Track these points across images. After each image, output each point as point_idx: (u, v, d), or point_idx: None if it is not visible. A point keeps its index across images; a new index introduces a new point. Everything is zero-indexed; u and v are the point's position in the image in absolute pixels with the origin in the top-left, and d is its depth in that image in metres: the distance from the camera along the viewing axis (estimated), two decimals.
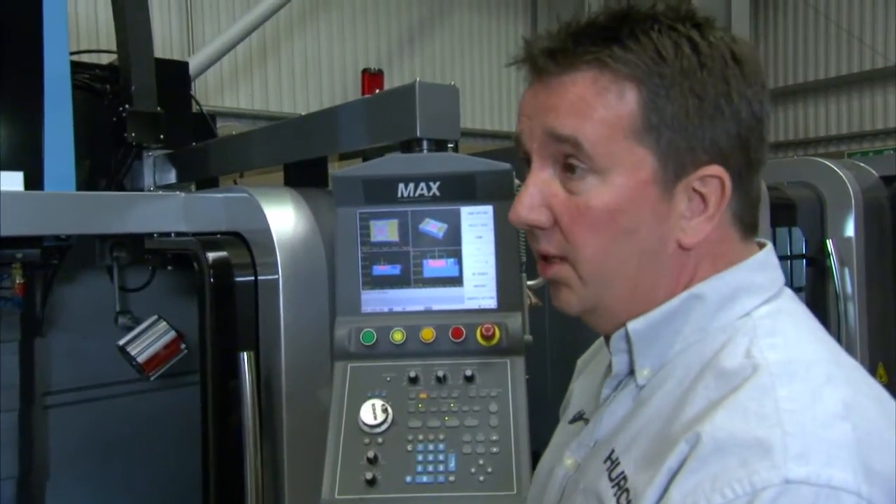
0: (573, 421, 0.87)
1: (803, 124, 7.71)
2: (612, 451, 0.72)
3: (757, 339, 0.69)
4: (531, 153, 0.74)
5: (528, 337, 1.39)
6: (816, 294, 2.69)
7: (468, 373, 1.34)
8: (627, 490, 0.67)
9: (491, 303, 1.39)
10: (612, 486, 0.69)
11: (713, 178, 0.70)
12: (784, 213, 2.65)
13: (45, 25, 1.69)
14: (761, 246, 0.78)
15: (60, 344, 2.13)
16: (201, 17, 3.88)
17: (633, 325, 0.73)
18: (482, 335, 1.36)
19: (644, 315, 0.73)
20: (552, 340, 2.09)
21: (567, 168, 0.71)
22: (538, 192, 0.73)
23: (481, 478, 1.26)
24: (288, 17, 4.08)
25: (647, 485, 0.64)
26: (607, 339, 0.79)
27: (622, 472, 0.69)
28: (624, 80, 0.69)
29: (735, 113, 0.70)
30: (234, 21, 3.57)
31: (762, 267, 0.75)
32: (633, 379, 0.75)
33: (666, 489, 0.63)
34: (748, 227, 0.76)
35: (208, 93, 3.86)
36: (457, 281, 1.40)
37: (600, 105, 0.69)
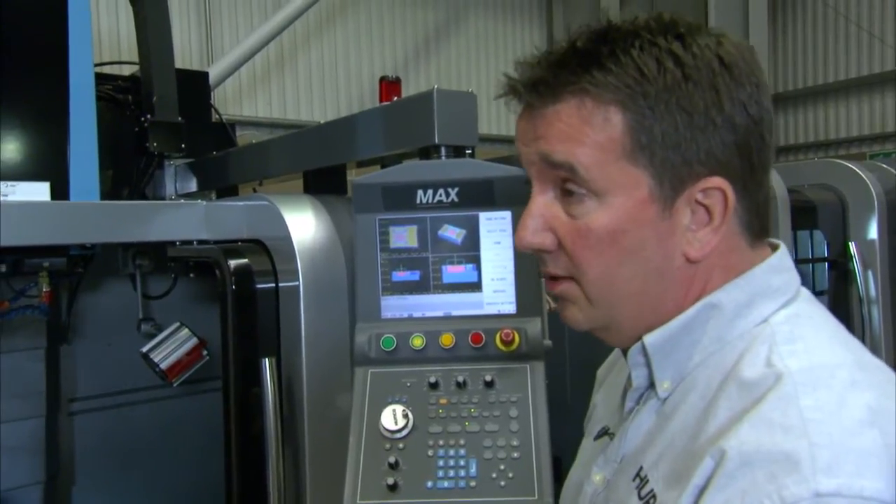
0: (598, 437, 0.86)
1: (824, 126, 7.63)
2: (641, 469, 0.72)
3: (776, 347, 0.68)
4: (531, 177, 0.75)
5: (548, 342, 1.39)
6: (839, 298, 2.65)
7: (488, 378, 1.34)
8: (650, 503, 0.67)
9: (510, 308, 1.40)
10: (639, 502, 0.69)
11: (715, 190, 0.69)
12: (805, 216, 2.62)
13: (71, 39, 1.71)
14: (774, 247, 0.77)
15: (85, 351, 2.16)
16: (220, 28, 3.92)
17: (649, 339, 0.73)
18: (502, 340, 1.36)
19: (660, 328, 0.73)
20: (572, 346, 2.09)
21: (566, 192, 0.72)
22: (541, 217, 0.73)
23: (502, 483, 1.26)
24: (305, 26, 4.11)
25: (673, 501, 0.64)
26: (624, 350, 0.78)
27: (651, 491, 0.69)
28: (608, 104, 0.68)
29: (728, 120, 0.69)
30: (253, 31, 3.61)
31: (777, 270, 0.74)
32: (655, 392, 0.75)
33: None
34: (757, 233, 0.74)
35: (227, 102, 3.89)
36: (476, 286, 1.41)
37: (589, 130, 0.69)
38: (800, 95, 7.78)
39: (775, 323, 0.71)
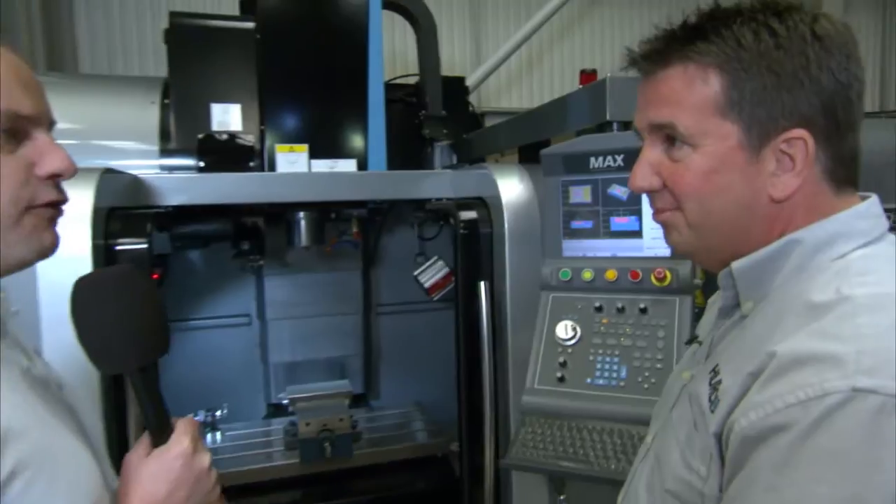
0: (688, 343, 0.87)
1: None
2: (717, 365, 0.71)
3: (848, 277, 0.63)
4: (643, 136, 0.76)
5: (698, 280, 1.34)
6: None
7: (642, 306, 1.35)
8: (718, 390, 0.67)
9: (665, 252, 1.37)
10: (709, 389, 0.69)
11: (797, 140, 0.65)
12: None
13: (370, 64, 1.97)
14: (866, 200, 0.69)
15: (384, 273, 2.44)
16: (486, 37, 4.13)
17: (736, 265, 0.71)
18: (656, 277, 1.35)
19: (747, 256, 0.70)
20: None
21: (669, 140, 0.72)
22: (648, 165, 0.74)
23: (646, 386, 1.27)
24: (550, 31, 4.13)
25: (731, 385, 0.64)
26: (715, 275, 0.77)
27: (719, 379, 0.68)
28: (707, 67, 0.67)
29: (816, 83, 0.64)
30: (508, 39, 3.75)
31: (864, 216, 0.68)
32: (739, 310, 0.73)
33: (747, 389, 0.61)
34: (842, 182, 0.68)
35: (490, 96, 4.12)
36: (637, 234, 1.40)
37: (689, 93, 0.68)
38: None
39: (852, 258, 0.65)
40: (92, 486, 0.70)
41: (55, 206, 0.71)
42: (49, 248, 0.71)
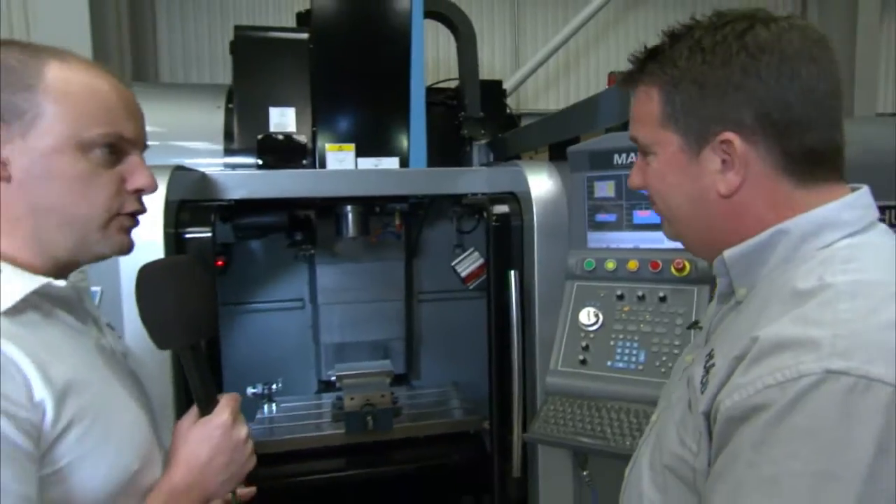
0: (690, 328, 0.87)
1: None
2: (713, 350, 0.72)
3: (832, 265, 0.62)
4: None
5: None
6: None
7: (661, 294, 1.34)
8: (709, 372, 0.67)
9: None
10: (703, 371, 0.69)
11: (728, 142, 0.67)
12: None
13: (412, 70, 2.01)
14: (855, 191, 0.68)
15: (425, 263, 2.46)
16: (524, 44, 4.11)
17: (727, 253, 0.72)
18: (675, 268, 1.34)
19: (738, 245, 0.71)
20: None
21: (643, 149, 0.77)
22: (639, 168, 0.79)
23: (663, 370, 1.27)
24: (585, 36, 4.07)
25: (720, 368, 0.65)
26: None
27: (713, 363, 0.69)
28: (651, 87, 0.72)
29: (742, 89, 0.66)
30: (546, 44, 3.72)
31: (851, 207, 0.67)
32: (734, 296, 0.74)
33: (733, 372, 0.62)
34: (805, 176, 0.67)
35: (528, 98, 4.10)
36: (658, 227, 1.37)
37: (642, 112, 0.74)
38: None
39: (837, 248, 0.65)
40: (141, 440, 0.76)
41: (134, 217, 0.81)
42: (126, 248, 0.79)
